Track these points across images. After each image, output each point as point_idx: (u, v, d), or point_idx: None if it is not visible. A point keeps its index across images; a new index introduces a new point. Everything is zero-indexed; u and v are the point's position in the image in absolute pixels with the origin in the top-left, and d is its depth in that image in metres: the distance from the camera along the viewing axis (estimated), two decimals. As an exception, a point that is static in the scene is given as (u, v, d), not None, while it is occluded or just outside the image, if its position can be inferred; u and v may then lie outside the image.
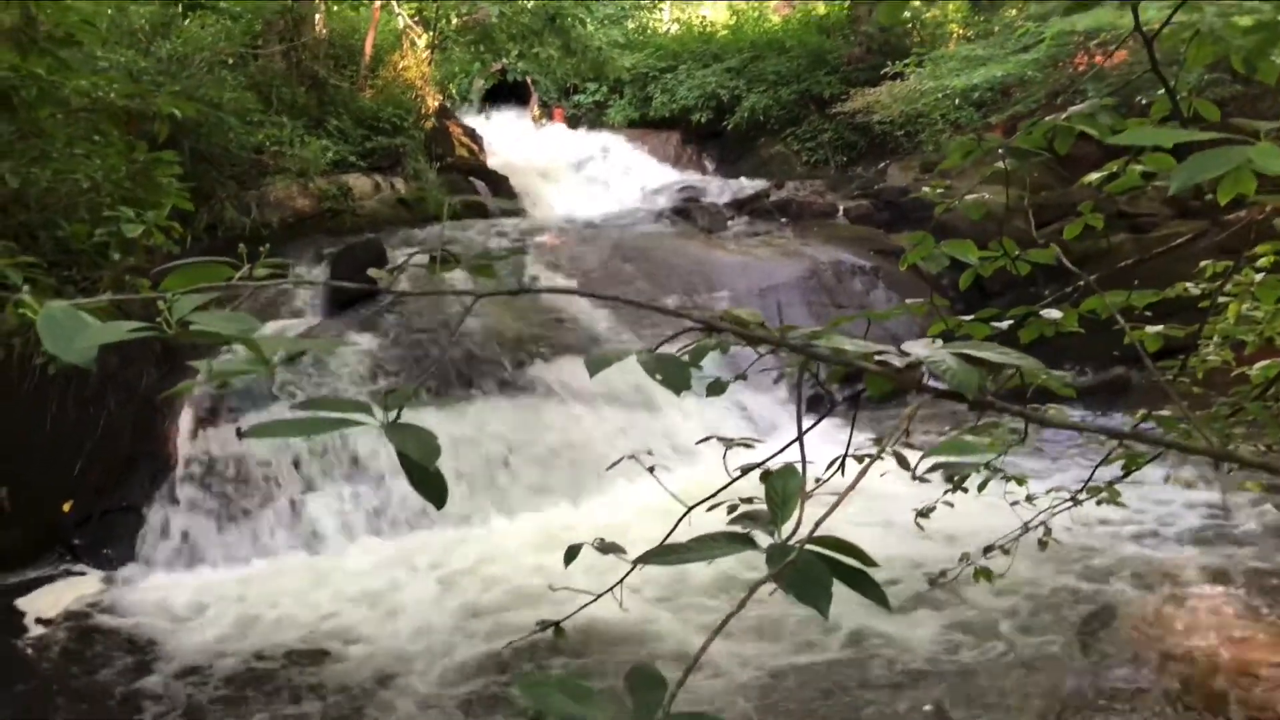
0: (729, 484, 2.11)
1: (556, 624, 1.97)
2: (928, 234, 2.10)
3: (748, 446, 2.14)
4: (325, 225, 9.38)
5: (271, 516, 5.74)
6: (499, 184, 11.69)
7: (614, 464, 2.44)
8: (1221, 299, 2.73)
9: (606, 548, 1.91)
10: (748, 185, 11.96)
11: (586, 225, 10.13)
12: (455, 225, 9.77)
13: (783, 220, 10.53)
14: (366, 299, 7.18)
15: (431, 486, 0.91)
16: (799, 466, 1.30)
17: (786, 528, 0.92)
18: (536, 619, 1.90)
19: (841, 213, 10.69)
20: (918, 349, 1.04)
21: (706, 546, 0.93)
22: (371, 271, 1.28)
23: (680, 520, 2.02)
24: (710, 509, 1.90)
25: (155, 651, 4.55)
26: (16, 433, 5.69)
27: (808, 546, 0.87)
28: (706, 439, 2.42)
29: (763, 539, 0.92)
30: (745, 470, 2.27)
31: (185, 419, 6.04)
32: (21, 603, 5.01)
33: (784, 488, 0.92)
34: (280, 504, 5.78)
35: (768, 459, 0.97)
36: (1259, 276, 2.47)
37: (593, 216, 10.67)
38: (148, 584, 5.30)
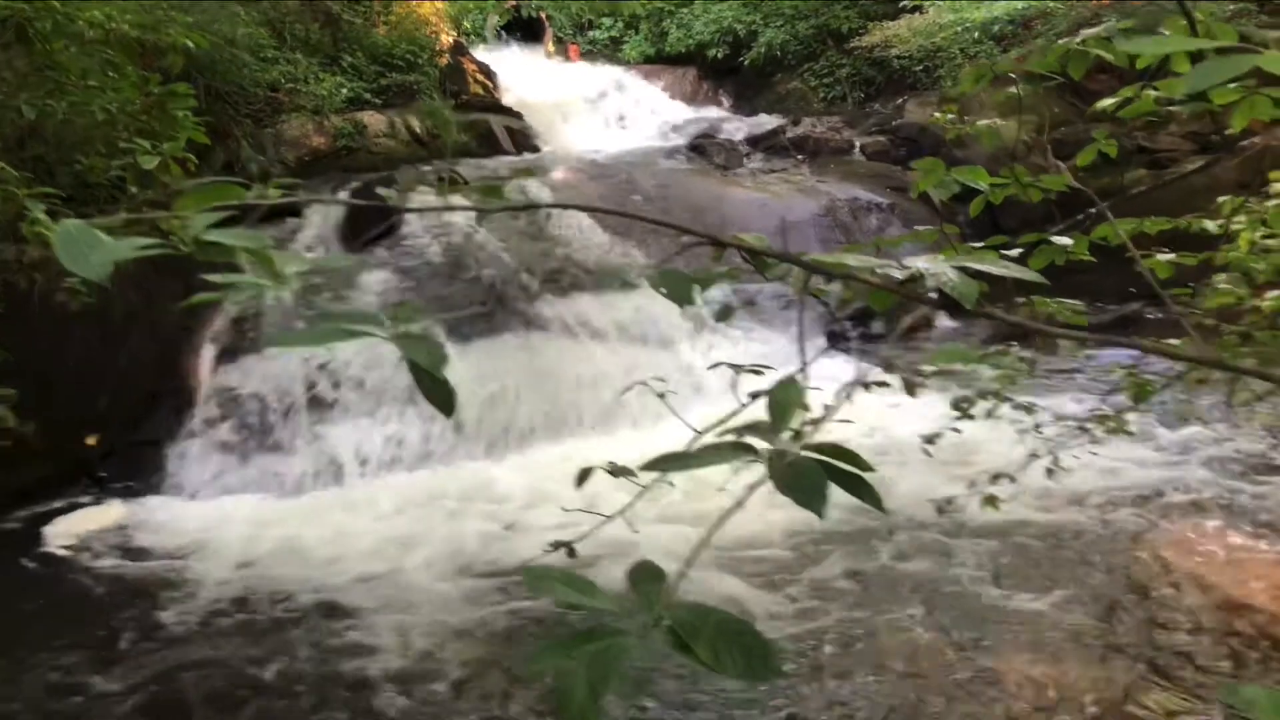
0: (738, 410, 2.15)
1: (568, 544, 2.02)
2: (938, 160, 2.09)
3: (757, 373, 2.17)
4: (341, 163, 9.37)
5: (291, 450, 5.83)
6: (514, 120, 11.61)
7: (626, 389, 2.48)
8: (1235, 228, 2.72)
9: (618, 471, 1.94)
10: (764, 122, 11.83)
11: (602, 161, 10.07)
12: (470, 162, 9.74)
13: (799, 157, 10.43)
14: (381, 236, 7.19)
15: (440, 394, 0.95)
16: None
17: (786, 436, 0.95)
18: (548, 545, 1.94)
19: (858, 149, 10.58)
20: (919, 263, 1.06)
21: (711, 454, 0.96)
22: (380, 190, 1.30)
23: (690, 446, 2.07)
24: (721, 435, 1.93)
25: (171, 579, 4.66)
26: (41, 368, 5.77)
27: (804, 452, 0.90)
28: (716, 365, 2.45)
29: (764, 447, 0.95)
30: (754, 396, 2.31)
31: (207, 354, 6.12)
32: (46, 530, 5.15)
33: (784, 398, 0.95)
34: (300, 438, 5.87)
35: (776, 384, 0.99)
36: (1271, 203, 2.45)
37: (608, 153, 10.60)
38: (169, 515, 5.41)
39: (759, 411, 1.95)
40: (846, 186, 9.18)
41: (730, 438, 1.53)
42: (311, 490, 5.66)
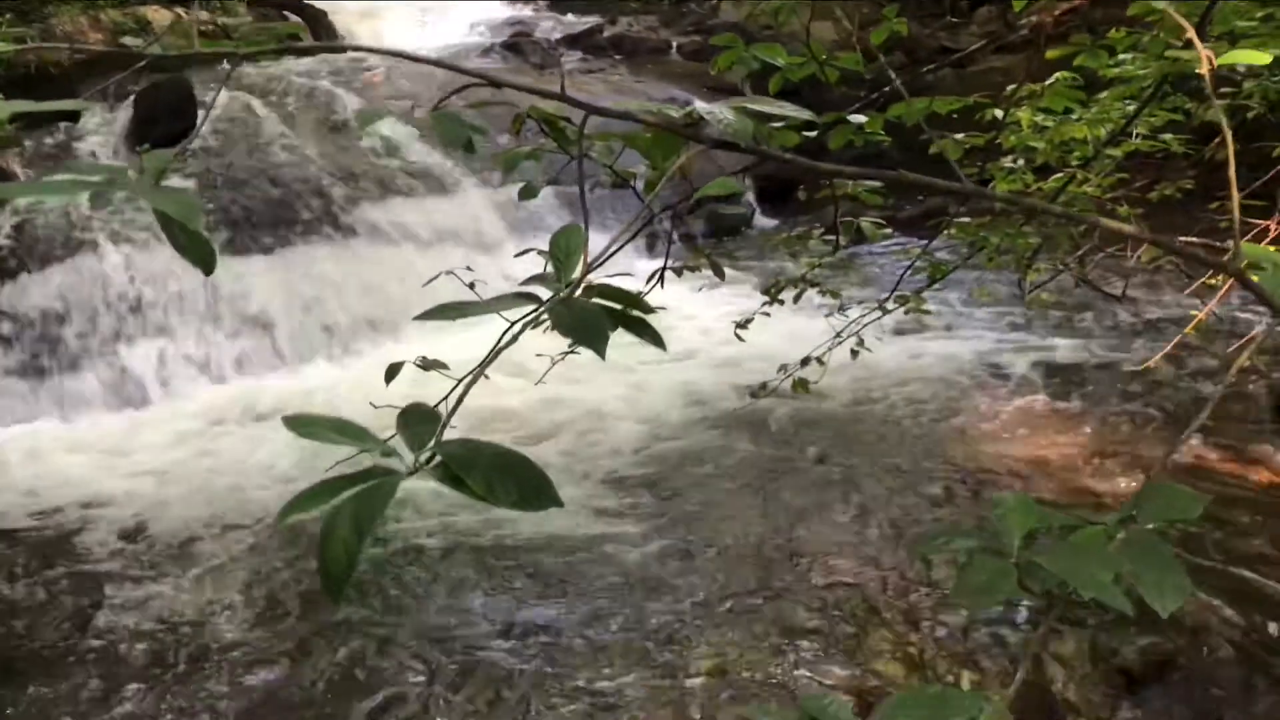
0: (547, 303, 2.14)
1: (384, 442, 1.97)
2: (735, 35, 2.09)
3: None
4: (123, 63, 8.63)
5: (83, 369, 5.45)
6: (317, 20, 10.94)
7: (430, 280, 2.42)
8: (1017, 113, 2.86)
9: (428, 364, 1.90)
10: (579, 21, 11.62)
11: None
12: (272, 62, 9.16)
13: (616, 57, 10.32)
14: (175, 140, 6.70)
15: (196, 249, 0.88)
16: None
17: (568, 284, 0.93)
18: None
19: (675, 49, 10.56)
20: (700, 106, 1.05)
21: (495, 303, 0.94)
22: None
23: (503, 337, 2.04)
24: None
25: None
26: None
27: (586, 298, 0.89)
28: (525, 252, 2.42)
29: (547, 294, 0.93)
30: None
31: (-21, 272, 5.61)
32: None
33: (566, 245, 0.93)
34: (92, 356, 5.49)
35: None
36: (1049, 82, 2.59)
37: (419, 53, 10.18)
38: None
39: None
40: (663, 86, 9.17)
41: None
42: (101, 413, 5.31)
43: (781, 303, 3.15)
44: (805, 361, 3.26)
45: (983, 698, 0.68)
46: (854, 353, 3.25)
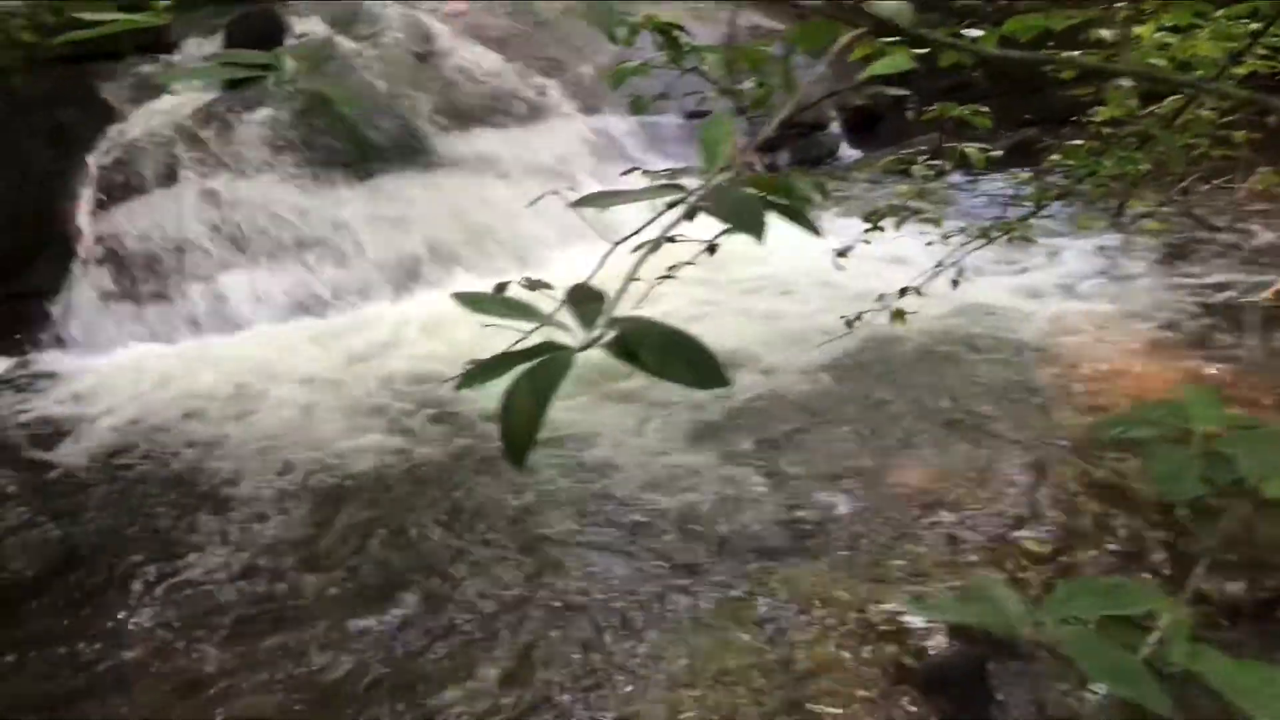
0: (655, 218, 2.12)
1: (452, 380, 1.99)
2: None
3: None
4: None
5: (181, 297, 5.62)
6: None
7: (535, 200, 2.42)
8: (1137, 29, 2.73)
9: (534, 284, 1.91)
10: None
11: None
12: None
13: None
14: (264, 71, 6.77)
15: (352, 136, 0.89)
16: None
17: (717, 172, 0.92)
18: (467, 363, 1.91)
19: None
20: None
21: (640, 192, 0.93)
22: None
23: (606, 257, 2.03)
24: (636, 249, 1.90)
25: (59, 430, 4.54)
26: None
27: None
28: (630, 171, 2.40)
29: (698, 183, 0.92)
30: (672, 205, 2.27)
31: (84, 199, 5.79)
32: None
33: (714, 134, 0.92)
34: (189, 284, 5.65)
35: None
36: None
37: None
38: (58, 366, 5.22)
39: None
40: (745, 14, 9.00)
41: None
42: (199, 338, 5.48)
43: (881, 230, 3.09)
44: (903, 292, 3.20)
45: (1158, 593, 0.67)
46: (954, 283, 3.18)
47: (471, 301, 0.75)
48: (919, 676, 2.46)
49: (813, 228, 0.88)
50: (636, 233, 1.94)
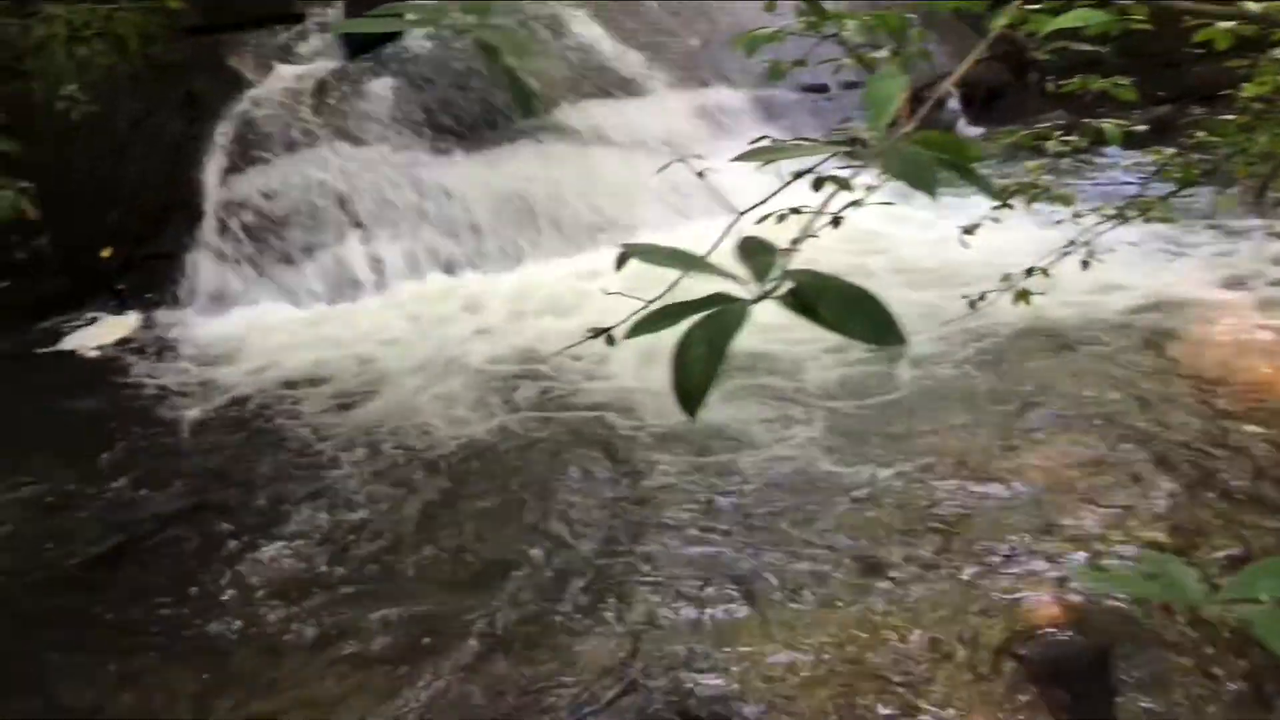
0: (781, 188, 2.08)
1: (608, 330, 1.98)
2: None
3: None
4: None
5: (303, 262, 5.79)
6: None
7: (664, 167, 2.41)
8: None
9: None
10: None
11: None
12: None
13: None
14: (386, 41, 6.91)
15: (518, 90, 0.89)
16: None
17: (887, 127, 0.89)
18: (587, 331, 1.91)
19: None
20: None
21: (806, 147, 0.91)
22: None
23: (731, 226, 2.00)
24: (760, 220, 1.88)
25: (187, 387, 4.74)
26: (50, 180, 5.67)
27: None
28: (760, 139, 2.37)
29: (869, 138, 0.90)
30: (798, 175, 2.23)
31: (213, 165, 6.00)
32: (71, 340, 5.21)
33: (884, 90, 0.89)
34: (310, 249, 5.82)
35: (873, 77, 0.92)
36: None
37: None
38: (185, 325, 5.46)
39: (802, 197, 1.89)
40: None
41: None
42: (322, 300, 5.65)
43: (1011, 207, 2.99)
44: (1030, 272, 3.10)
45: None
46: (1084, 264, 3.07)
47: (644, 253, 0.75)
48: (1034, 666, 2.40)
49: (988, 186, 0.85)
50: (763, 202, 1.91)
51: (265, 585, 3.17)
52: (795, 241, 2.09)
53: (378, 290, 5.64)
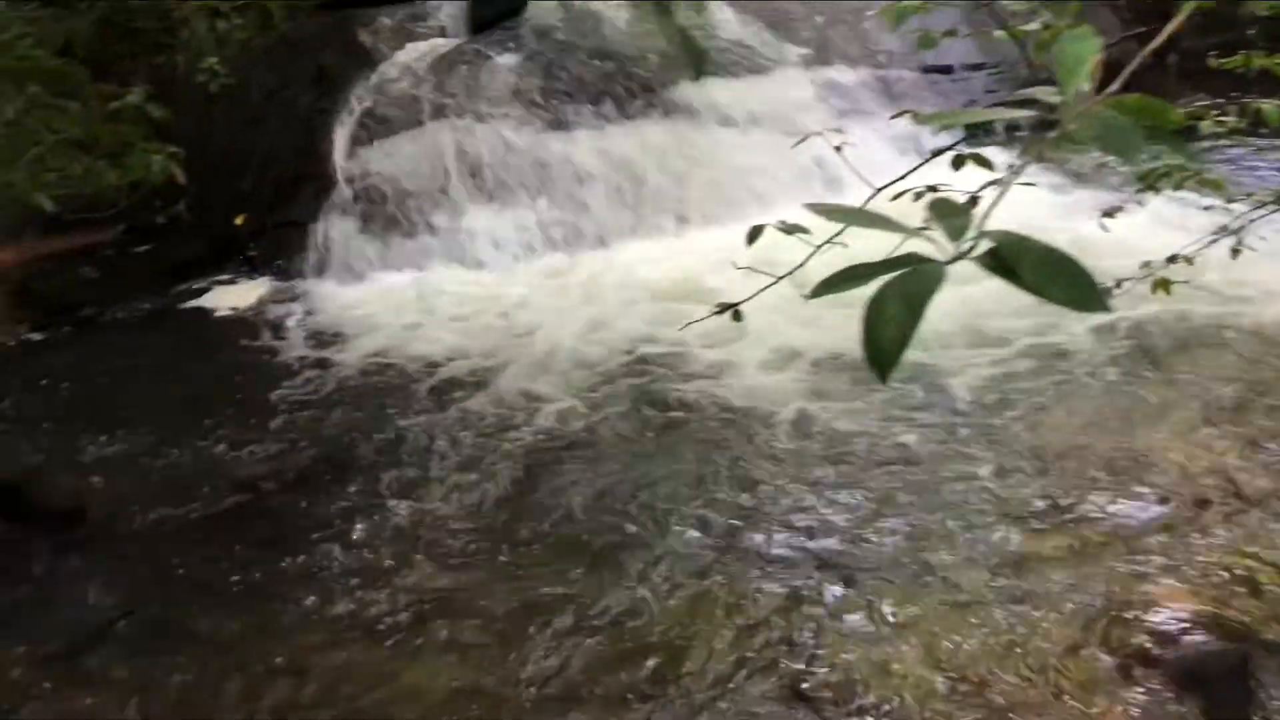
0: (920, 165, 2.03)
1: (735, 306, 1.96)
2: None
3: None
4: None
5: (427, 233, 5.91)
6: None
7: (801, 140, 2.37)
8: None
9: (790, 228, 1.87)
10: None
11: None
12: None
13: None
14: (509, 15, 6.98)
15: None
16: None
17: (1077, 91, 0.85)
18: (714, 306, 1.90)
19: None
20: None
21: (996, 110, 0.88)
22: None
23: (866, 204, 1.95)
24: (895, 197, 1.83)
25: (316, 351, 4.90)
26: (189, 149, 5.91)
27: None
28: (902, 114, 2.31)
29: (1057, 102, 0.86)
30: (937, 153, 2.17)
31: (341, 137, 6.16)
32: (206, 301, 5.46)
33: (1076, 50, 0.85)
34: (435, 221, 5.93)
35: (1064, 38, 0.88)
36: None
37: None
38: (314, 292, 5.62)
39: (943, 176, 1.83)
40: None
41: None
42: (445, 271, 5.76)
43: (1157, 190, 2.86)
44: (1173, 259, 2.96)
45: None
46: (1235, 251, 2.92)
47: (829, 212, 0.73)
48: (1172, 669, 2.31)
49: (1189, 155, 0.81)
50: (901, 179, 1.87)
51: (378, 548, 3.25)
52: (983, 208, 2.03)
53: (499, 263, 5.72)
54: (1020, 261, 0.65)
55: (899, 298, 0.64)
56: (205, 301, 5.52)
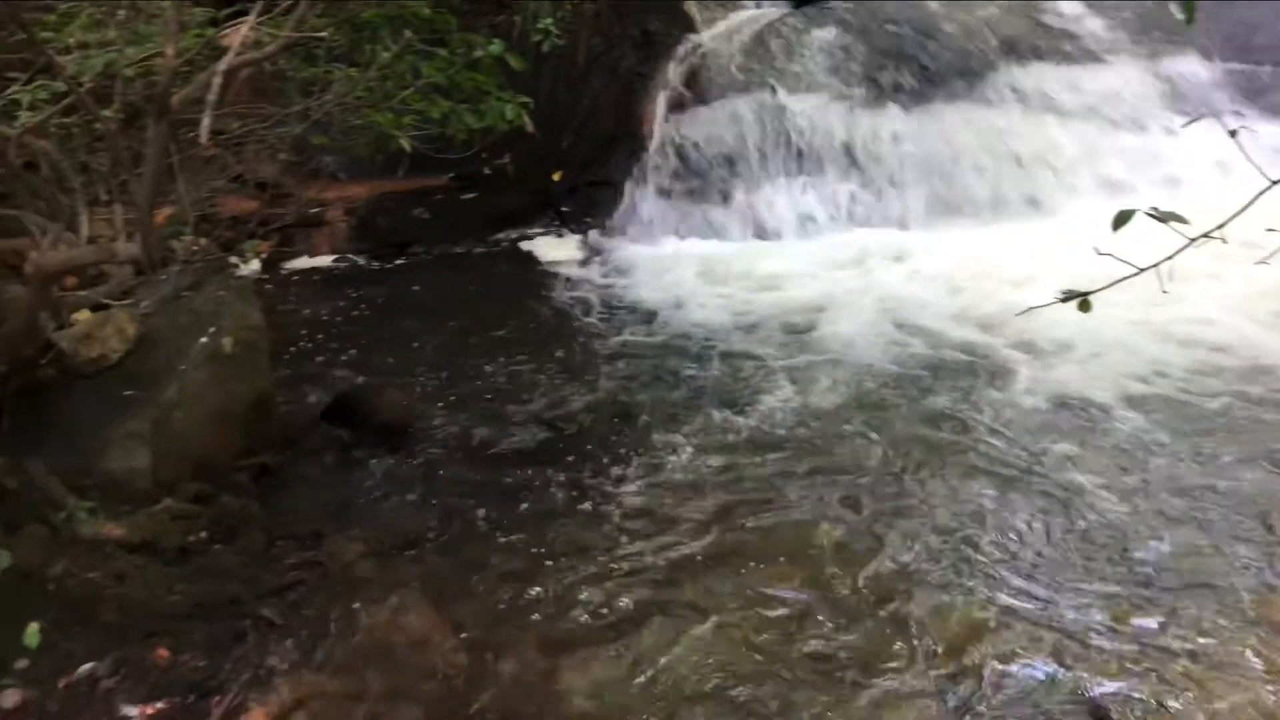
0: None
1: (1083, 295, 1.85)
2: None
3: None
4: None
5: (730, 202, 6.00)
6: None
7: (1190, 121, 2.20)
8: None
9: (1163, 216, 1.75)
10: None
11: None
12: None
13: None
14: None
15: None
16: None
17: None
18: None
19: None
20: None
21: None
22: None
23: (1260, 194, 1.76)
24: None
25: (620, 304, 5.13)
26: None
27: None
28: (1195, 120, 2.08)
29: None
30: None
31: (659, 102, 6.32)
32: (524, 248, 5.88)
33: None
34: (739, 190, 6.01)
35: None
36: None
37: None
38: (621, 249, 5.86)
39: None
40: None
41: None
42: (745, 242, 5.84)
43: None
44: None
45: None
46: None
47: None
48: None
49: None
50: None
51: (658, 495, 3.34)
52: None
53: (799, 236, 5.74)
54: None
55: None
56: (524, 249, 5.90)
